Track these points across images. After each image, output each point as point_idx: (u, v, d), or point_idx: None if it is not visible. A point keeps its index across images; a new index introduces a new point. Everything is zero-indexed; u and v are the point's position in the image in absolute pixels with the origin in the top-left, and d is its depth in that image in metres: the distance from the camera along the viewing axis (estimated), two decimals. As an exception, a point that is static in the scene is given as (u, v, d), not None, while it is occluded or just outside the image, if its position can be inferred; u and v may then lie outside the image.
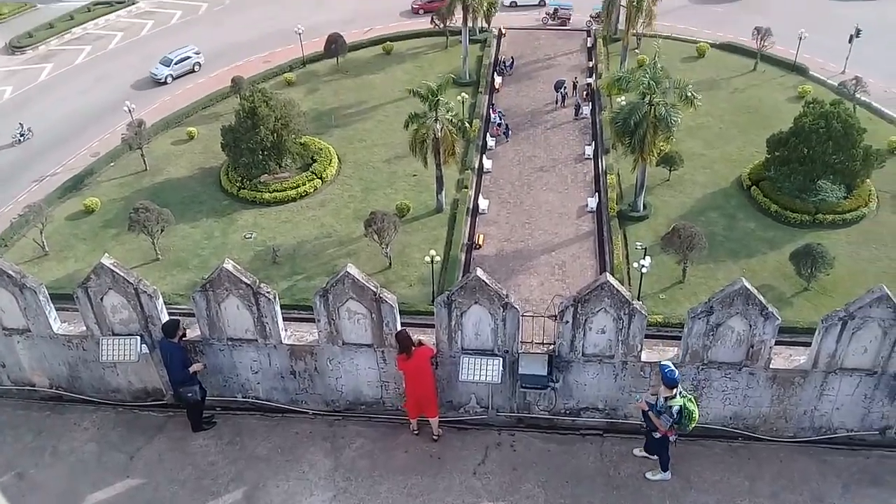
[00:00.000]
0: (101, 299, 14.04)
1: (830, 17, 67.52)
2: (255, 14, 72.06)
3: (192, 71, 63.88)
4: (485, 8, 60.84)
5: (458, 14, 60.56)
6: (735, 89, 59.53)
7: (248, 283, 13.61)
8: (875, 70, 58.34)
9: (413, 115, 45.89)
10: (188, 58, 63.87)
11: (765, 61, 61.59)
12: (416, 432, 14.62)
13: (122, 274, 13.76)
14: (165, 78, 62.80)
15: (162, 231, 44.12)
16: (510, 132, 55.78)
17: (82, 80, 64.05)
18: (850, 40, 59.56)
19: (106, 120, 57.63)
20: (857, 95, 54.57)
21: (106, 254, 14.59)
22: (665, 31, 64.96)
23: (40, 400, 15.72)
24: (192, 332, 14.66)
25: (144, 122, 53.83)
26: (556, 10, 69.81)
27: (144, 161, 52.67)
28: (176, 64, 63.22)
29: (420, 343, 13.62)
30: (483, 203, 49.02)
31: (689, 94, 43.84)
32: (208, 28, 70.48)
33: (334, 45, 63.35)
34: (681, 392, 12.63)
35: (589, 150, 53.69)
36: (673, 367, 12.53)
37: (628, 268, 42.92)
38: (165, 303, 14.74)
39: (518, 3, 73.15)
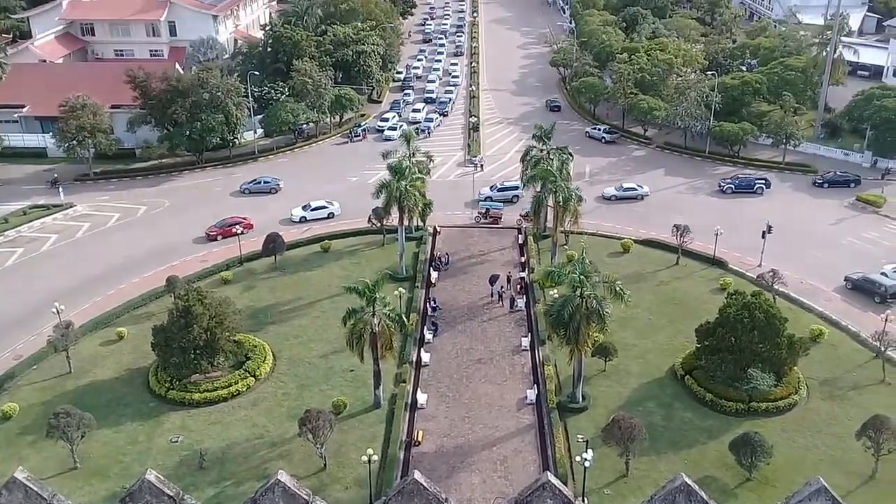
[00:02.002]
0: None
1: (741, 215, 72.48)
2: (194, 216, 73.33)
3: None
4: (420, 208, 63.36)
5: (395, 214, 62.81)
6: (660, 282, 62.03)
7: (171, 495, 12.79)
8: (788, 263, 62.17)
9: (350, 311, 46.08)
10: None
11: (686, 256, 64.80)
12: None
13: (35, 489, 12.79)
14: None
15: (83, 437, 41.83)
16: (439, 328, 56.49)
17: (11, 281, 62.95)
18: (763, 236, 63.60)
19: (33, 322, 56.23)
20: (776, 287, 57.38)
21: (20, 467, 13.60)
22: (591, 227, 68.50)
23: None
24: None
25: (73, 323, 52.58)
26: (487, 210, 73.19)
27: (69, 363, 50.86)
28: None
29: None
30: (421, 397, 48.31)
31: (618, 288, 45.59)
32: (145, 230, 71.14)
33: (273, 244, 64.41)
34: None
35: (525, 342, 54.28)
36: None
37: (571, 461, 42.12)
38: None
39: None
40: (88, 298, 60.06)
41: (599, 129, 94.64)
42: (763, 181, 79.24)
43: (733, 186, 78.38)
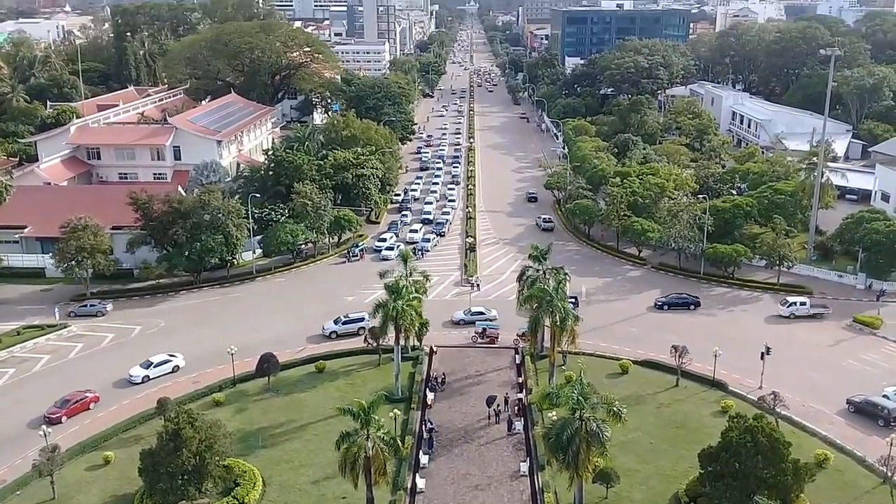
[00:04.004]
0: None
1: (738, 336, 72.22)
2: (189, 336, 72.92)
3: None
4: (416, 327, 63.13)
5: (391, 333, 62.50)
6: (660, 404, 61.04)
7: None
8: (788, 384, 61.41)
9: (344, 434, 45.02)
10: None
11: (685, 377, 64.10)
12: None
13: None
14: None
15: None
16: (434, 444, 55.32)
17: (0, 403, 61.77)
18: (762, 357, 63.13)
19: (20, 445, 54.79)
20: (778, 409, 56.43)
21: None
22: (588, 348, 68.09)
23: None
24: None
25: (59, 447, 51.12)
26: (484, 329, 72.89)
27: (53, 489, 49.19)
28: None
29: None
30: (416, 527, 46.50)
31: (617, 408, 44.81)
32: (139, 350, 70.46)
33: (266, 365, 63.71)
34: None
35: (524, 467, 52.76)
36: None
37: None
38: None
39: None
40: (77, 421, 58.77)
41: (541, 218, 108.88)
42: (695, 299, 79.95)
43: (667, 305, 78.86)
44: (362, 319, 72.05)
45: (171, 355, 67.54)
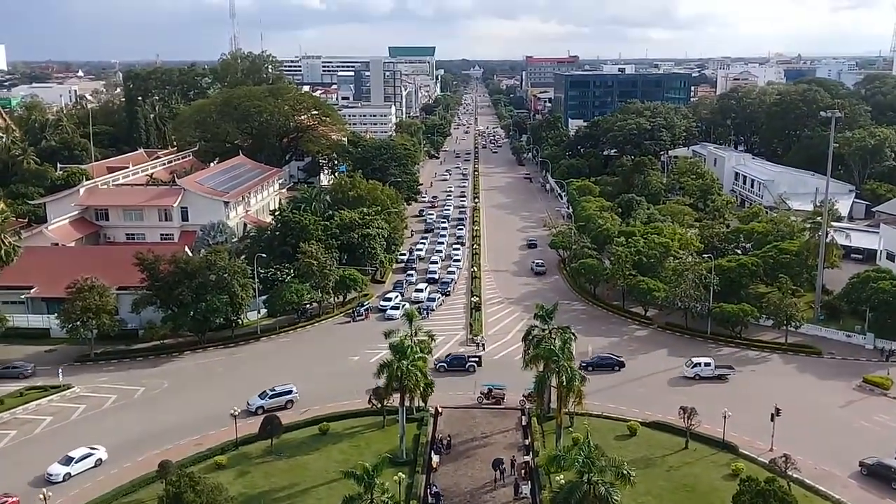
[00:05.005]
0: None
1: (747, 397, 71.32)
2: (193, 397, 72.36)
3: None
4: (421, 388, 62.54)
5: (396, 394, 61.87)
6: (670, 467, 59.92)
7: None
8: (799, 446, 60.31)
9: (348, 499, 44.28)
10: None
11: (695, 439, 63.06)
12: None
13: None
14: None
15: None
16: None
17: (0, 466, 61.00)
18: (772, 419, 62.21)
19: (18, 508, 53.84)
20: (789, 472, 55.36)
21: None
22: (595, 409, 67.20)
23: None
24: None
25: (58, 511, 50.29)
26: (490, 389, 72.15)
27: (50, 554, 48.13)
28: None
29: None
30: None
31: (626, 471, 43.98)
32: (141, 412, 69.85)
33: (269, 427, 62.98)
34: None
35: (531, 533, 51.57)
36: None
37: None
38: None
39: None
40: (77, 485, 57.82)
41: (535, 262, 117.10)
42: (620, 359, 79.23)
43: (591, 366, 77.75)
44: (290, 392, 70.59)
45: (93, 448, 61.52)
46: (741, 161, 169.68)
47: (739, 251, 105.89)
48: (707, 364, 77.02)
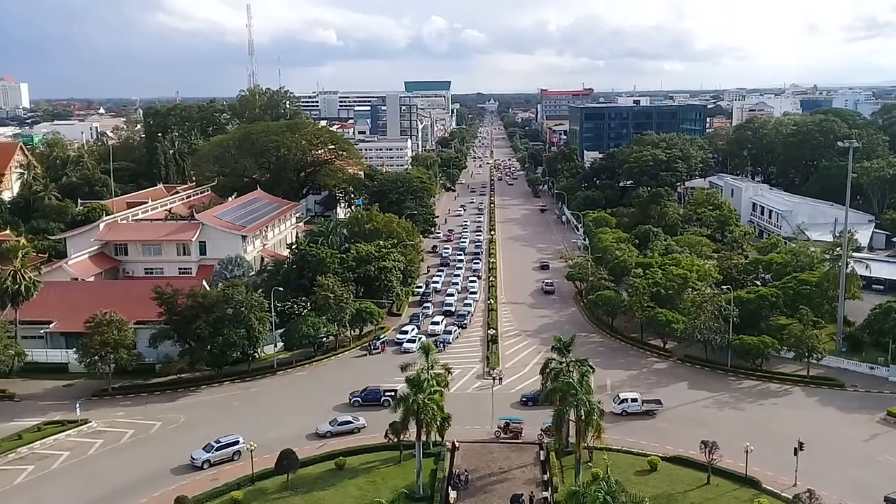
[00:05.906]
0: None
1: (768, 431, 70.10)
2: (209, 431, 72.01)
3: None
4: (438, 422, 61.99)
5: (412, 428, 61.39)
6: (692, 503, 58.80)
7: None
8: (823, 481, 59.14)
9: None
10: None
11: (717, 474, 61.95)
12: None
13: None
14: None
15: None
16: None
17: (16, 502, 60.82)
18: (795, 453, 61.08)
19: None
20: (814, 508, 54.19)
21: None
22: (615, 443, 66.29)
23: None
24: None
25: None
26: (507, 423, 71.44)
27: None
28: None
29: None
30: None
31: (647, 508, 43.13)
32: (158, 447, 69.69)
33: (286, 462, 62.56)
34: None
35: (550, 571, 50.62)
36: None
37: None
38: None
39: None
40: (93, 520, 57.71)
41: (545, 282, 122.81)
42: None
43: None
44: (236, 443, 67.41)
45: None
46: (759, 192, 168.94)
47: (759, 282, 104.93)
48: (634, 400, 75.58)
